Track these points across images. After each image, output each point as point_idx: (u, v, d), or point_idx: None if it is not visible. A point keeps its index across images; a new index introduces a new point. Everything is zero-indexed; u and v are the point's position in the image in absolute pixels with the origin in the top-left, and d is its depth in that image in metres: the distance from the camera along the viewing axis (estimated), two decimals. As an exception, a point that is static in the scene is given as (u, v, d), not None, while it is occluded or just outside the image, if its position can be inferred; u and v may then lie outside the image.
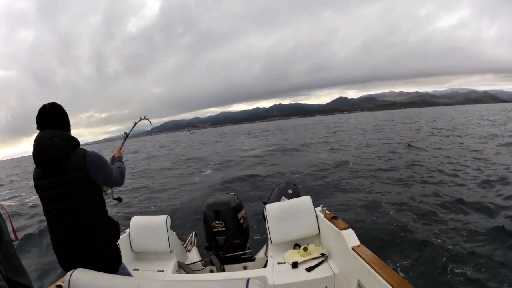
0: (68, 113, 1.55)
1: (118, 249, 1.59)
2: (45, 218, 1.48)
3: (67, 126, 1.54)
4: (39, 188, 1.45)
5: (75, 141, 1.49)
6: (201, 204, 4.87)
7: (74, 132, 1.61)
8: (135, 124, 2.35)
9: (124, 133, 2.29)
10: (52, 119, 1.47)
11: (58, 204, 1.40)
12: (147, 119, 2.53)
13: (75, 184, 1.39)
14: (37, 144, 1.41)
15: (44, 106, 1.48)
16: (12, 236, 1.36)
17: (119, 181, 1.70)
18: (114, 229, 1.58)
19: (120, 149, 2.08)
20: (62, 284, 1.21)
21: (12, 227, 1.39)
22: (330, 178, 8.49)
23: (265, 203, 2.73)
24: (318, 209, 2.51)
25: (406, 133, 21.44)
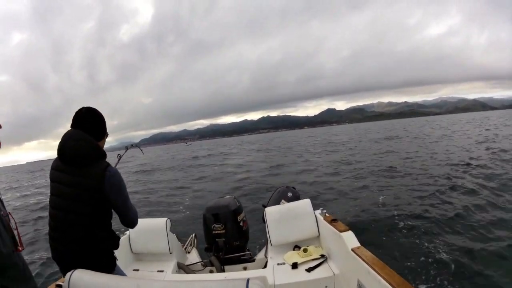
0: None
1: (114, 257, 1.56)
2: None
3: (100, 134, 1.50)
4: (53, 176, 1.43)
5: (101, 153, 1.44)
6: (202, 205, 4.95)
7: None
8: (127, 149, 2.65)
9: (118, 154, 2.48)
10: (85, 122, 1.46)
11: (64, 200, 1.38)
12: (139, 148, 3.04)
13: (87, 192, 1.36)
14: (63, 141, 1.41)
15: (80, 109, 1.48)
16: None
17: (132, 222, 1.56)
18: (114, 240, 1.53)
19: None
20: (62, 284, 1.20)
21: (19, 236, 1.33)
22: (331, 183, 8.52)
23: (265, 206, 2.75)
24: (318, 211, 2.54)
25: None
